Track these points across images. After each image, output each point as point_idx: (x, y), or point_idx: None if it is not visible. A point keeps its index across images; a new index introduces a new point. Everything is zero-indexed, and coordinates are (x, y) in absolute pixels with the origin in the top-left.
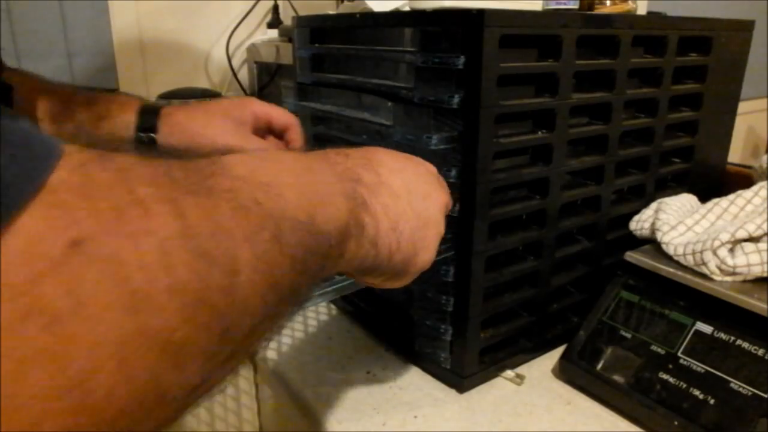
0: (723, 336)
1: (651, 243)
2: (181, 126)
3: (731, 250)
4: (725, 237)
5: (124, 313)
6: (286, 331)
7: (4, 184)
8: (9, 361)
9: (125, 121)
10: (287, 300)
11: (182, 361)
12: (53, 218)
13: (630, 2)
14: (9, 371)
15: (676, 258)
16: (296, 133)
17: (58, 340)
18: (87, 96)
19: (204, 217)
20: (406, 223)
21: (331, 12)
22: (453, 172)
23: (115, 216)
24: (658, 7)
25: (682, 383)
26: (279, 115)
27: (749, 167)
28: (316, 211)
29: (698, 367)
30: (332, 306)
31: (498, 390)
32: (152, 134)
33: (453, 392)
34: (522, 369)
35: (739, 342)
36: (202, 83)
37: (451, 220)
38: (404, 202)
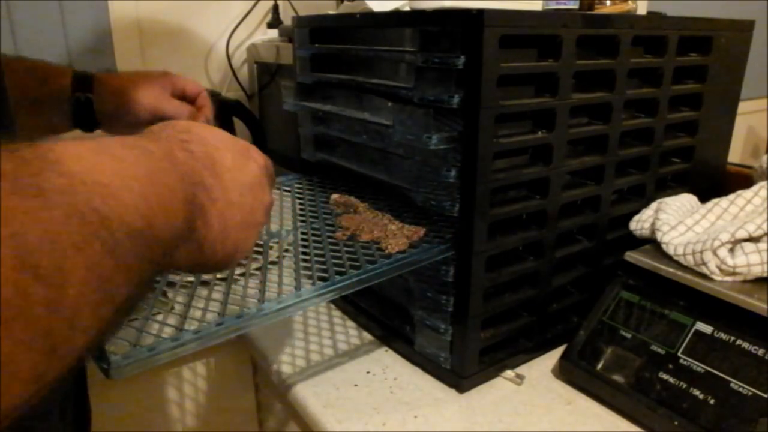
0: (723, 336)
1: (651, 243)
2: (112, 87)
3: (731, 250)
4: (725, 237)
5: None
6: (286, 331)
7: None
8: None
9: (64, 85)
10: (122, 312)
11: (4, 384)
12: None
13: (630, 2)
14: None
15: (676, 258)
16: (204, 98)
17: None
18: (30, 64)
19: (31, 222)
20: (233, 228)
21: (331, 12)
22: (453, 172)
23: None
24: (658, 7)
25: (682, 383)
26: (191, 84)
27: (749, 167)
28: (156, 216)
29: (698, 367)
30: (332, 306)
31: (498, 390)
32: (89, 94)
33: (453, 392)
34: (522, 369)
35: (739, 342)
36: (202, 83)
37: (451, 220)
38: (236, 208)
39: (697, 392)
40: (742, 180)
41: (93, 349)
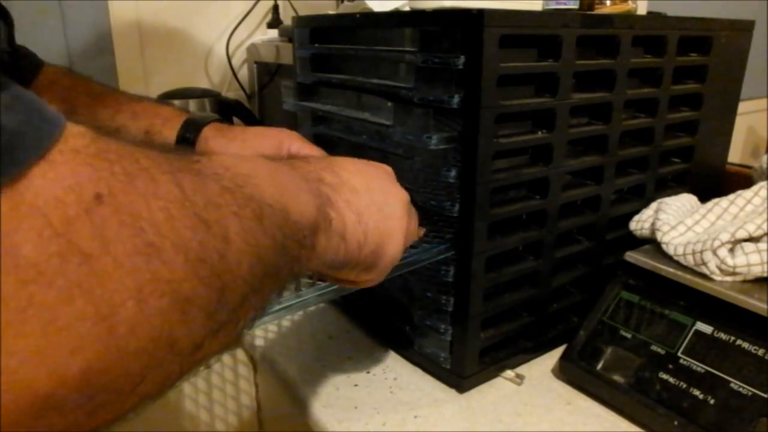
0: (723, 336)
1: (651, 243)
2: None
3: (731, 250)
4: (725, 237)
5: (141, 259)
6: (286, 331)
7: (31, 129)
8: (52, 290)
9: (166, 139)
10: (271, 278)
11: (189, 313)
12: (82, 174)
13: (630, 2)
14: (53, 299)
15: (676, 258)
16: None
17: (90, 275)
18: (133, 108)
19: (197, 189)
20: (370, 217)
21: (331, 12)
22: (453, 172)
23: (128, 179)
24: (658, 7)
25: (682, 383)
26: (316, 154)
27: (749, 167)
28: (289, 203)
29: (698, 367)
30: (332, 306)
31: (498, 390)
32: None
33: (453, 392)
34: (522, 369)
35: (739, 342)
36: (202, 83)
37: (451, 220)
38: (366, 198)
39: (697, 392)
40: (742, 180)
41: (249, 314)
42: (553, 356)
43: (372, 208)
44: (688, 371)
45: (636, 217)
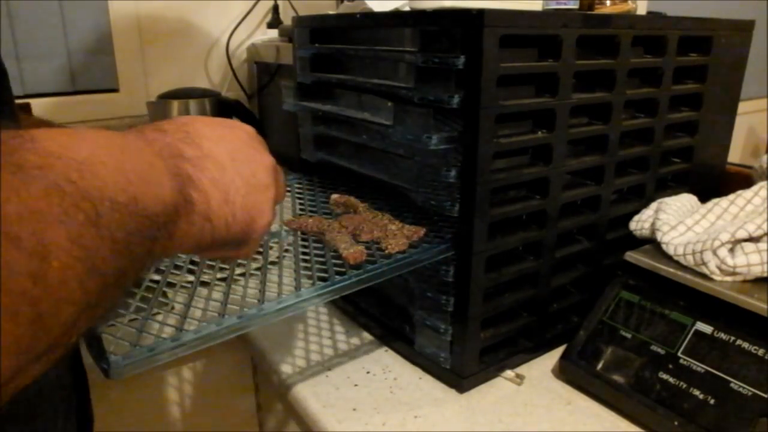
0: (723, 336)
1: (651, 243)
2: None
3: (731, 250)
4: (725, 237)
5: None
6: (286, 331)
7: None
8: None
9: None
10: (112, 286)
11: None
12: None
13: (630, 2)
14: None
15: (676, 258)
16: None
17: None
18: None
19: (10, 197)
20: (237, 192)
21: (331, 12)
22: (453, 172)
23: None
24: (658, 7)
25: (682, 383)
26: None
27: (749, 167)
28: (138, 191)
29: (698, 367)
30: (332, 306)
31: (498, 390)
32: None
33: (453, 392)
34: (522, 369)
35: (739, 342)
36: (202, 83)
37: (451, 220)
38: (231, 171)
39: (697, 392)
40: (742, 180)
41: (85, 328)
42: (553, 356)
43: (238, 182)
44: (688, 371)
45: (636, 217)
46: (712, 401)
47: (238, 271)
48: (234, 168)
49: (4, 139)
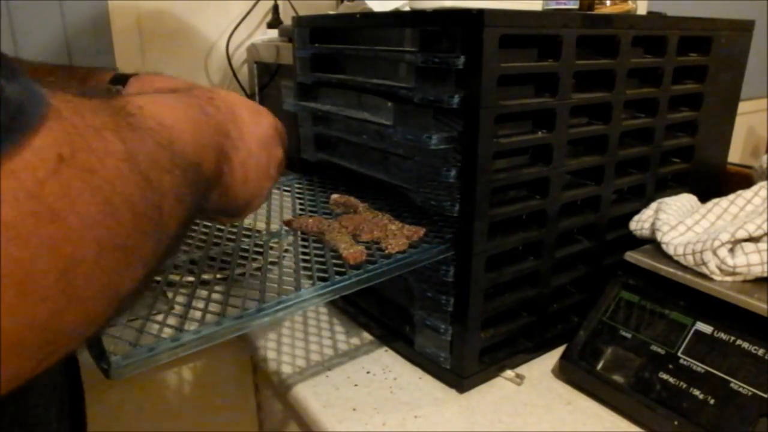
0: (723, 336)
1: (651, 243)
2: (150, 80)
3: (731, 250)
4: (725, 237)
5: (100, 216)
6: (286, 331)
7: (23, 109)
8: (27, 249)
9: (101, 82)
10: (186, 227)
11: (132, 265)
12: (45, 135)
13: (630, 2)
14: (27, 257)
15: (676, 258)
16: None
17: (58, 232)
18: (70, 68)
19: (139, 147)
20: (252, 178)
21: (331, 12)
22: (453, 172)
23: (82, 138)
24: (658, 7)
25: (682, 383)
26: None
27: (749, 167)
28: (202, 157)
29: (698, 367)
30: (332, 306)
31: (498, 390)
32: (120, 87)
33: (453, 392)
34: (522, 369)
35: (739, 342)
36: (202, 83)
37: (451, 220)
38: (255, 158)
39: (697, 392)
40: (742, 180)
41: (171, 251)
42: (553, 356)
43: (256, 168)
44: (688, 371)
45: (636, 217)
46: (712, 401)
47: (238, 271)
48: (257, 155)
49: (123, 106)
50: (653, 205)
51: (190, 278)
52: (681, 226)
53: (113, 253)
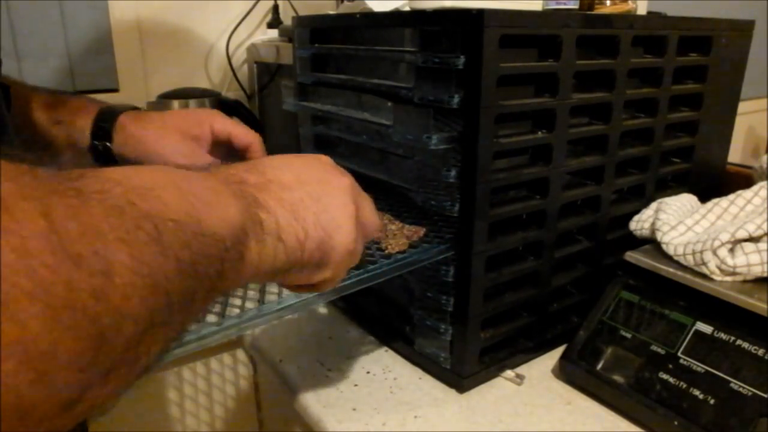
0: (723, 336)
1: (651, 243)
2: (134, 138)
3: (731, 250)
4: (725, 237)
5: None
6: (286, 331)
7: None
8: None
9: (80, 127)
10: (179, 307)
11: (47, 374)
12: None
13: (630, 2)
14: None
15: (676, 258)
16: (258, 152)
17: None
18: (46, 99)
19: (71, 216)
20: (307, 210)
21: (331, 12)
22: (453, 172)
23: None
24: (658, 7)
25: (682, 383)
26: (240, 133)
27: (749, 167)
28: (202, 212)
29: (698, 367)
30: (332, 306)
31: (498, 390)
32: (107, 143)
33: (453, 392)
34: (522, 369)
35: (739, 342)
36: (202, 83)
37: (451, 220)
38: (299, 191)
39: (697, 392)
40: (742, 180)
41: (156, 349)
42: (553, 356)
43: (307, 201)
44: (688, 371)
45: (636, 217)
46: (712, 401)
47: None
48: (301, 188)
49: (70, 173)
50: (653, 205)
51: None
52: (681, 226)
53: (6, 363)
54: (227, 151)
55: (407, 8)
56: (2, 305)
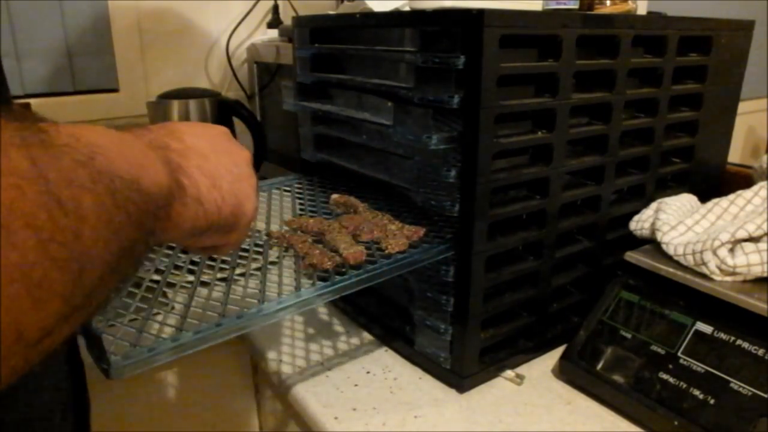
0: (723, 336)
1: (651, 243)
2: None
3: (731, 250)
4: (725, 237)
5: None
6: (286, 331)
7: None
8: None
9: None
10: (127, 255)
11: (41, 299)
12: None
13: (630, 2)
14: None
15: (676, 258)
16: None
17: None
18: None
19: (51, 164)
20: (222, 179)
21: (331, 12)
22: (453, 172)
23: None
24: (658, 7)
25: (682, 383)
26: None
27: (749, 167)
28: (140, 174)
29: (698, 367)
30: (332, 306)
31: (498, 390)
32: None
33: (453, 392)
34: (522, 369)
35: (739, 342)
36: (202, 83)
37: (451, 220)
38: (214, 161)
39: (697, 392)
40: (742, 180)
41: (105, 295)
42: (553, 356)
43: (222, 170)
44: (688, 371)
45: (636, 217)
46: (712, 401)
47: (238, 271)
48: (216, 158)
49: (35, 125)
50: (653, 205)
51: (190, 278)
52: (681, 226)
53: (9, 286)
54: None
55: (407, 8)
56: (7, 234)
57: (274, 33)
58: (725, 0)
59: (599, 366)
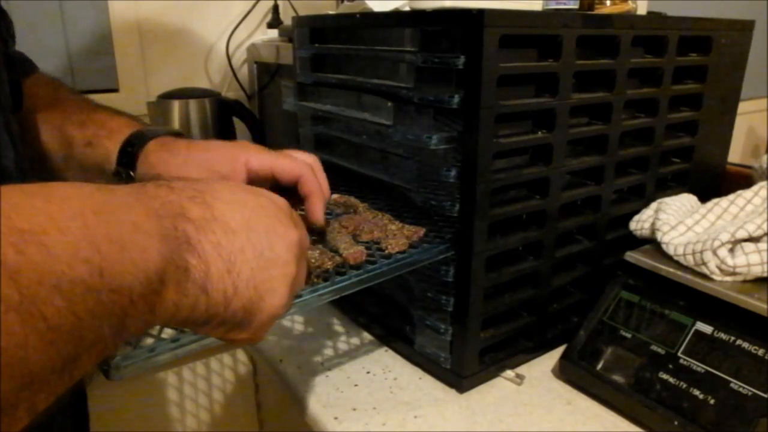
0: (723, 336)
1: (651, 243)
2: (154, 169)
3: (731, 250)
4: (725, 237)
5: None
6: (285, 331)
7: None
8: None
9: (109, 152)
10: (60, 371)
11: None
12: None
13: (630, 2)
14: None
15: (676, 258)
16: (310, 185)
17: None
18: (83, 117)
19: None
20: (245, 264)
21: (331, 12)
22: (453, 172)
23: None
24: (658, 7)
25: (682, 383)
26: (285, 167)
27: (749, 167)
28: (106, 261)
29: (698, 367)
30: (332, 306)
31: (498, 390)
32: (131, 172)
33: (453, 392)
34: (522, 369)
35: (739, 342)
36: (202, 83)
37: (451, 220)
38: (242, 238)
39: (697, 392)
40: (742, 180)
41: (27, 413)
42: (553, 356)
43: (249, 253)
44: (688, 371)
45: (636, 217)
46: (712, 401)
47: None
48: (246, 236)
49: None
50: (653, 205)
51: None
52: (681, 226)
53: None
54: (273, 188)
55: (407, 8)
56: None
57: (274, 33)
58: (725, 0)
59: (599, 366)
